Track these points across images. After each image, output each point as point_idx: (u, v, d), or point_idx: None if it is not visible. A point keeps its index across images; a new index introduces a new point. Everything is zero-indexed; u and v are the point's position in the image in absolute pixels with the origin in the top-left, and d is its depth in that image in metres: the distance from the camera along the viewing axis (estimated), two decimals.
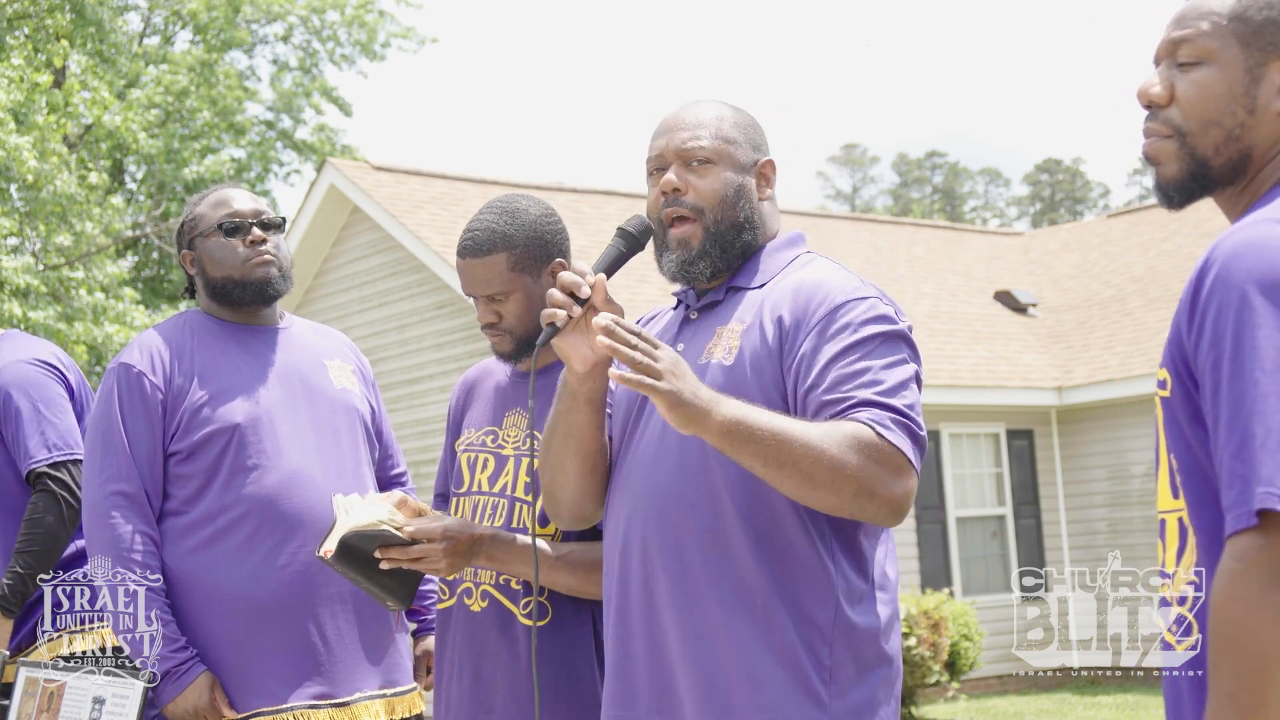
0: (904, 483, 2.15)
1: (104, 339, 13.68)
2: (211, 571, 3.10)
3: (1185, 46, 1.87)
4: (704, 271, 2.41)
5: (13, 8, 15.57)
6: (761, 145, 2.48)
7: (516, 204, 2.90)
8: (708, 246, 2.39)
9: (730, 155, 2.42)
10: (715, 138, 2.42)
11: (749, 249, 2.43)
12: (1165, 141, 1.88)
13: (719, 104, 2.49)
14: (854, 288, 2.33)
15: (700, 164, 2.40)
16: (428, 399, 12.71)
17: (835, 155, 63.85)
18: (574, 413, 2.42)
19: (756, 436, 2.10)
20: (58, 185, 13.60)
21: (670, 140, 2.43)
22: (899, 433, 2.16)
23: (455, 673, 2.87)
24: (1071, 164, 59.41)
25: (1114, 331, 14.77)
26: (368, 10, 21.83)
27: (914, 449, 2.18)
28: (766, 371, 2.30)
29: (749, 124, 2.48)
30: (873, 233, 17.89)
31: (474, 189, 14.10)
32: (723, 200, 2.40)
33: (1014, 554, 14.00)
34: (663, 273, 2.44)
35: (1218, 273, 1.69)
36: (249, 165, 21.65)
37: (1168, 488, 1.81)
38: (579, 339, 2.35)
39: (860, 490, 2.13)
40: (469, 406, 3.04)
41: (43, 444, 3.61)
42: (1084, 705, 11.90)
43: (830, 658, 2.22)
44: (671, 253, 2.41)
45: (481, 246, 2.85)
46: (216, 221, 3.27)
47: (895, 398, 2.19)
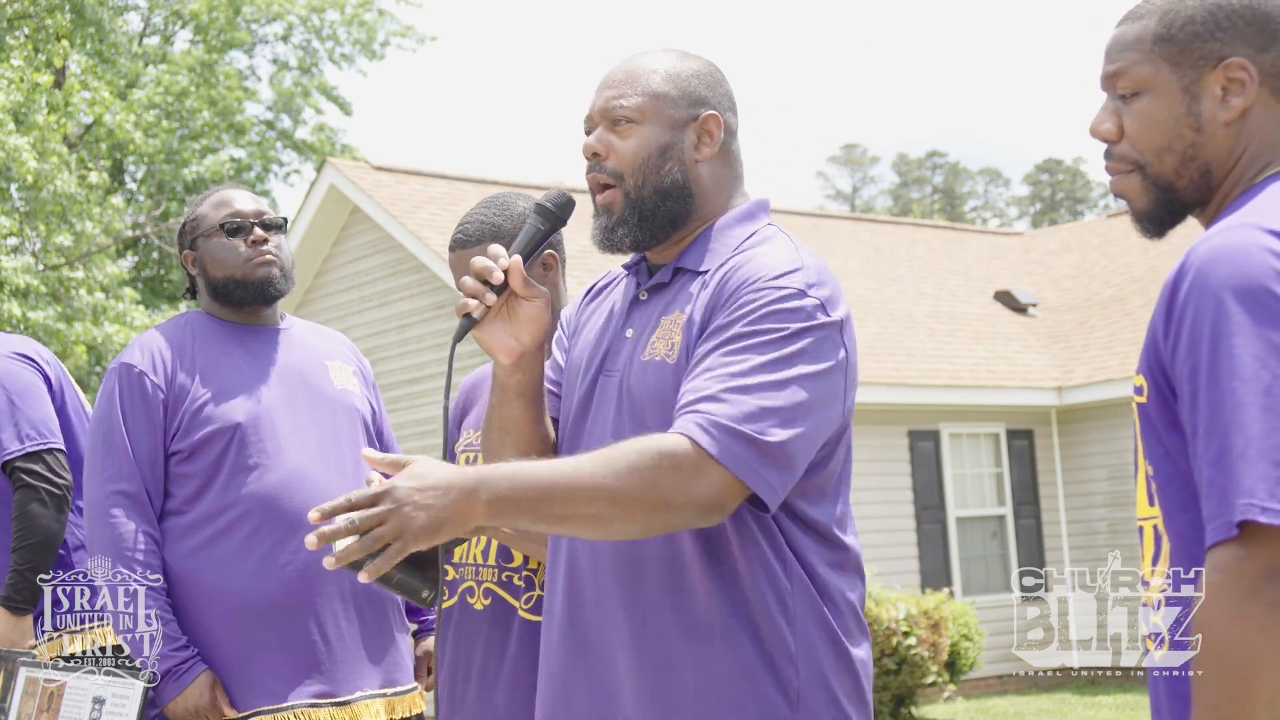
0: (704, 481, 1.93)
1: (104, 339, 13.68)
2: (212, 571, 3.10)
3: (1121, 80, 1.86)
4: (624, 240, 2.19)
5: (13, 8, 15.57)
6: (705, 98, 2.21)
7: (507, 199, 2.94)
8: (626, 214, 2.17)
9: (658, 112, 2.18)
10: (641, 93, 2.18)
11: (678, 216, 2.19)
12: (1128, 177, 1.88)
13: (664, 54, 2.25)
14: (781, 275, 2.08)
15: (623, 124, 2.18)
16: (428, 399, 12.71)
17: (835, 155, 63.89)
18: (505, 406, 2.26)
19: (523, 504, 1.92)
20: (58, 185, 13.60)
21: (597, 98, 2.22)
22: (714, 434, 1.95)
23: (460, 672, 2.87)
24: (1072, 164, 59.41)
25: (1114, 331, 14.77)
26: (367, 9, 21.83)
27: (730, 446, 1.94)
28: None
29: (692, 74, 2.22)
30: (873, 233, 17.88)
31: (474, 189, 14.10)
32: (643, 163, 2.17)
33: (1014, 554, 14.00)
34: (593, 241, 2.24)
35: (1193, 279, 1.68)
36: (249, 165, 21.65)
37: (1144, 495, 1.80)
38: (500, 328, 2.19)
39: (654, 506, 1.94)
40: (469, 410, 3.05)
41: (15, 435, 3.57)
42: (1084, 705, 11.90)
43: (797, 676, 2.07)
44: (597, 219, 2.21)
45: (473, 238, 2.88)
46: (218, 222, 3.27)
47: (743, 397, 1.97)
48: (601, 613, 2.14)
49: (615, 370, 2.20)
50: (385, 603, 3.23)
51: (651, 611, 2.10)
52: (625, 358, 2.20)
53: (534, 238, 2.24)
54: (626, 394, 2.16)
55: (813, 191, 67.91)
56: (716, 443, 1.94)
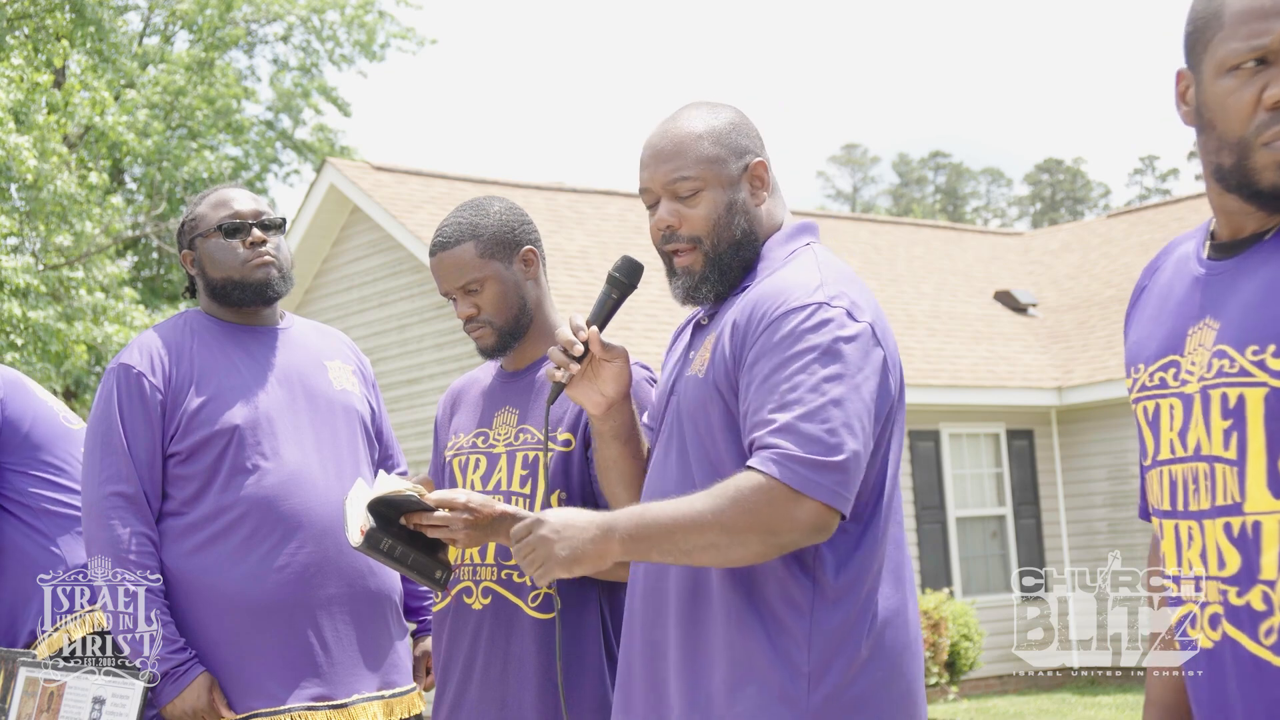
0: (802, 509, 2.13)
1: (104, 339, 13.67)
2: (210, 572, 3.10)
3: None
4: (708, 295, 2.41)
5: (13, 8, 15.57)
6: (748, 148, 2.42)
7: (481, 201, 3.00)
8: (708, 272, 2.39)
9: (716, 175, 2.38)
10: (698, 163, 2.38)
11: (749, 260, 2.40)
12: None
13: (696, 114, 2.43)
14: (807, 291, 2.27)
15: (688, 195, 2.38)
16: (428, 399, 12.71)
17: (836, 155, 63.82)
18: (605, 449, 2.56)
19: (651, 540, 2.19)
20: (58, 185, 13.60)
21: (654, 175, 2.40)
22: (787, 465, 2.13)
23: (461, 672, 2.87)
24: (1072, 164, 59.44)
25: (1114, 331, 14.76)
26: (367, 10, 21.82)
27: (809, 476, 2.13)
28: (727, 383, 2.29)
29: (731, 129, 2.42)
30: (873, 233, 17.89)
31: (474, 189, 14.09)
32: (716, 224, 2.37)
33: (1014, 554, 14.00)
34: (673, 296, 2.46)
35: None
36: (248, 165, 21.64)
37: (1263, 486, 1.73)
38: (588, 387, 2.49)
39: (764, 535, 2.14)
40: (455, 415, 3.07)
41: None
42: (1084, 705, 11.90)
43: (809, 663, 2.19)
44: (678, 279, 2.42)
45: (450, 239, 2.93)
46: (216, 222, 3.27)
47: (809, 424, 2.15)
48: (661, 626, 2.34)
49: (678, 392, 2.42)
50: (383, 604, 3.23)
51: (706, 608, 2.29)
52: (683, 379, 2.41)
53: (608, 308, 2.51)
54: (675, 413, 2.40)
55: (813, 191, 67.91)
56: (796, 475, 2.13)
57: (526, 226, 2.97)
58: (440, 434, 3.10)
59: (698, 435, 2.31)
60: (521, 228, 2.96)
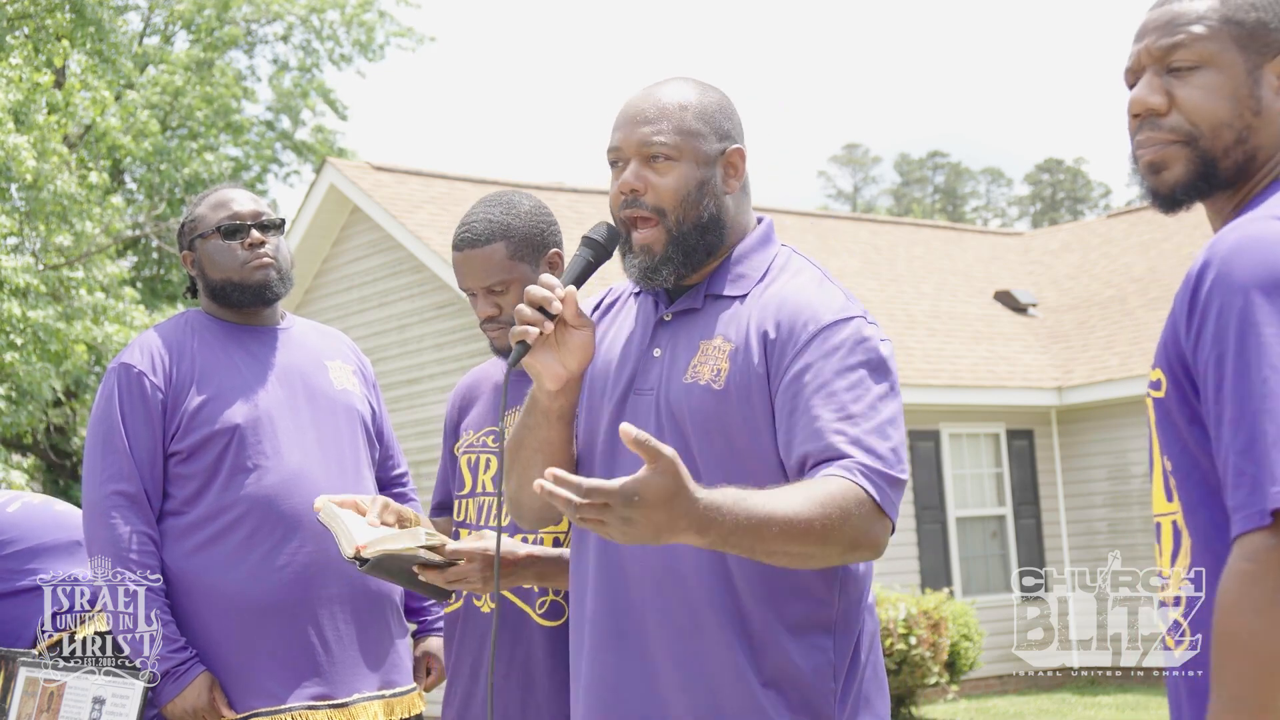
0: (882, 526, 2.08)
1: (104, 339, 13.65)
2: (211, 572, 3.10)
3: (1181, 52, 1.85)
4: (668, 278, 2.26)
5: (13, 8, 15.57)
6: (729, 131, 2.29)
7: (510, 197, 2.93)
8: (670, 251, 2.24)
9: (693, 149, 2.24)
10: (676, 131, 2.24)
11: (714, 248, 2.27)
12: (1171, 147, 1.86)
13: (685, 87, 2.30)
14: (840, 306, 2.22)
15: (661, 160, 2.24)
16: (428, 399, 12.71)
17: (837, 155, 63.87)
18: (543, 429, 2.31)
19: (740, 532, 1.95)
20: (58, 185, 13.58)
21: (629, 135, 2.26)
22: (876, 482, 2.08)
23: (469, 675, 2.87)
24: (1073, 164, 59.45)
25: (1114, 331, 14.76)
26: (366, 10, 21.82)
27: (890, 495, 2.10)
28: (755, 397, 2.18)
29: (716, 109, 2.29)
30: (873, 233, 17.88)
31: (474, 189, 14.09)
32: (684, 200, 2.23)
33: (1014, 554, 14.00)
34: (627, 275, 2.30)
35: (1218, 271, 1.67)
36: (248, 165, 21.63)
37: (1161, 490, 1.79)
38: (550, 355, 2.24)
39: (847, 547, 2.06)
40: (466, 411, 3.03)
41: None
42: (1084, 705, 11.90)
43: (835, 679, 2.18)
44: (635, 257, 2.26)
45: (480, 237, 2.86)
46: (215, 224, 3.27)
47: (879, 441, 2.11)
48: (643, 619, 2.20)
49: (648, 389, 2.26)
50: (384, 604, 3.23)
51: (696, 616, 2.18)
52: (658, 377, 2.26)
53: (584, 269, 2.29)
54: (667, 413, 2.22)
55: (814, 191, 67.96)
56: (881, 493, 2.08)
57: (554, 228, 2.92)
58: (450, 430, 3.08)
59: (710, 441, 2.19)
60: (550, 229, 2.90)
